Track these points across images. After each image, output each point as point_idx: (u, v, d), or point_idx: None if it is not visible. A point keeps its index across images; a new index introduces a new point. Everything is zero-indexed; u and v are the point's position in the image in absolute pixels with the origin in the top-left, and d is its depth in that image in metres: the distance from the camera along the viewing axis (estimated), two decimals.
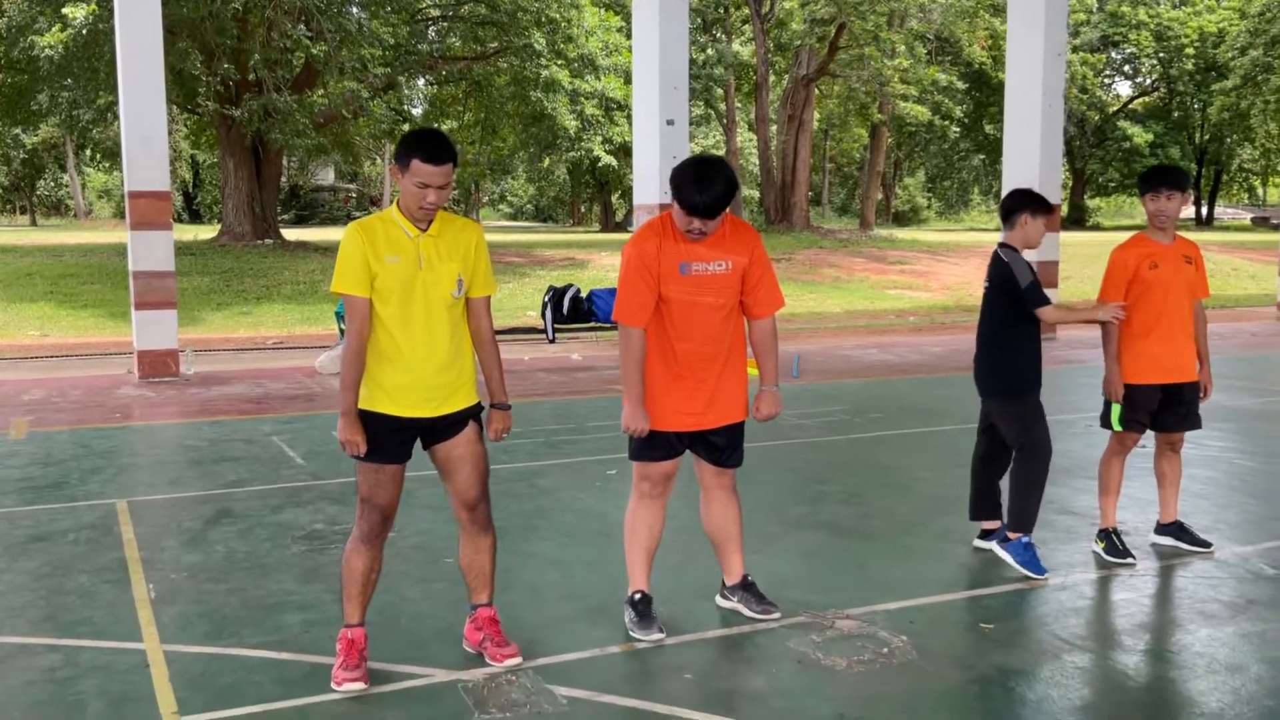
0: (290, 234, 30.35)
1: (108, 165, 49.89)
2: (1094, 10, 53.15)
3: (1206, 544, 5.24)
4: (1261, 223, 53.49)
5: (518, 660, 3.88)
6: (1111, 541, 5.15)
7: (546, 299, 12.70)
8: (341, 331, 12.02)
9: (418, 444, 3.85)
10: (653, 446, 4.14)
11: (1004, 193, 15.56)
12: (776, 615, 4.33)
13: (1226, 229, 51.13)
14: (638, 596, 4.26)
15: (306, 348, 14.34)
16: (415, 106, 37.12)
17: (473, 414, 3.87)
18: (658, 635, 4.13)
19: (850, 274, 26.12)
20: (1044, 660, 3.94)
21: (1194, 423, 5.15)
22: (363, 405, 3.73)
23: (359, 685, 3.70)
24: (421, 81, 32.22)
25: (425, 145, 3.62)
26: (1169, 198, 4.95)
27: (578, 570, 5.01)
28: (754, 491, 5.66)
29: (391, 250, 3.68)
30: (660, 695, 3.67)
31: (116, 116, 15.87)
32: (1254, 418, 8.94)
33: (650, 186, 13.44)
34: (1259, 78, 38.98)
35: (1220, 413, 8.83)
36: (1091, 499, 5.74)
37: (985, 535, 5.22)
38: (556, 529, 5.67)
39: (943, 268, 27.78)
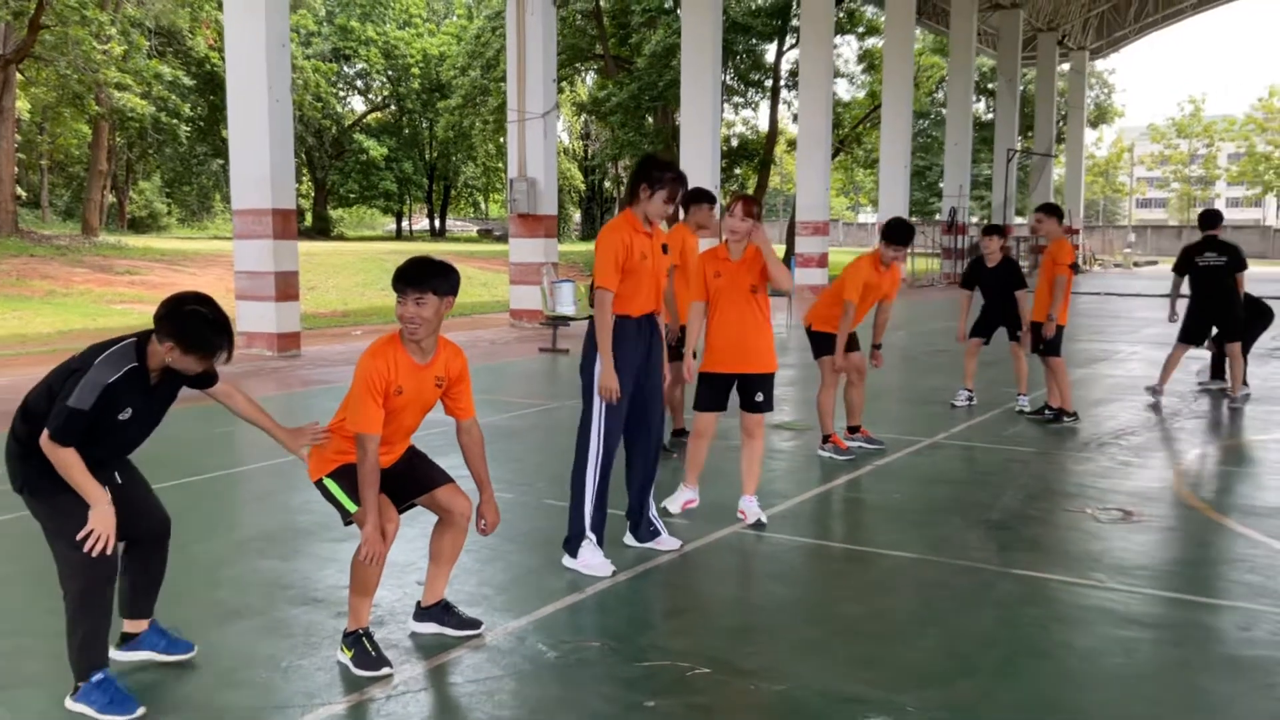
0: None
1: None
2: (324, 21, 53.64)
3: (475, 623, 4.22)
4: (486, 234, 58.61)
5: None
6: (363, 647, 3.87)
7: None
8: None
9: None
10: None
11: (234, 194, 13.86)
12: None
13: (458, 240, 55.03)
14: None
15: None
16: None
17: None
18: None
19: (68, 286, 22.47)
20: None
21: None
22: None
23: None
24: None
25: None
26: (418, 302, 3.77)
27: None
28: None
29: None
30: None
31: None
32: (503, 436, 8.45)
33: None
34: (478, 99, 41.81)
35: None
36: (332, 573, 4.44)
37: None
38: None
39: (180, 278, 25.24)
